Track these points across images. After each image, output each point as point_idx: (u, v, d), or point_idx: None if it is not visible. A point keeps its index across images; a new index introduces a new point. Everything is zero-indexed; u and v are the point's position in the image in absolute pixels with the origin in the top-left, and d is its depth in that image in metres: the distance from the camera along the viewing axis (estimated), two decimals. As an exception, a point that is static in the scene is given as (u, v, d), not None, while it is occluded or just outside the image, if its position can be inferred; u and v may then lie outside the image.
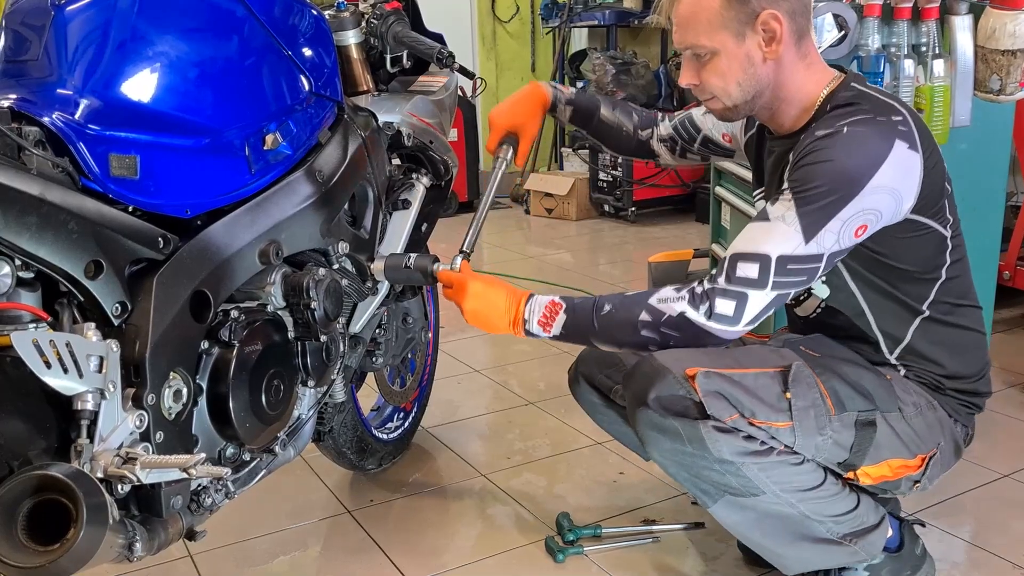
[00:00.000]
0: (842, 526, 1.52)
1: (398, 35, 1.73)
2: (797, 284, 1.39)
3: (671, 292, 1.42)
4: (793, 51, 1.43)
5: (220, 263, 1.34)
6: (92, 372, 1.11)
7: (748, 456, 1.41)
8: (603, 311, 1.47)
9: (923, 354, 1.53)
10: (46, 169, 1.12)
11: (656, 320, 1.42)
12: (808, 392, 1.42)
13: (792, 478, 1.46)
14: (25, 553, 0.96)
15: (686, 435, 1.40)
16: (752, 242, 1.38)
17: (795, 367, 1.44)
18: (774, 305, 1.40)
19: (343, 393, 1.83)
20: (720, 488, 1.47)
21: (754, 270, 1.36)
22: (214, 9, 1.39)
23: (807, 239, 1.34)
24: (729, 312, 1.38)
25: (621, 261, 4.48)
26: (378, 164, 1.72)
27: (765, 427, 1.41)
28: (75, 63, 1.23)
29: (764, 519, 1.51)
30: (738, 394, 1.40)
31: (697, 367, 1.39)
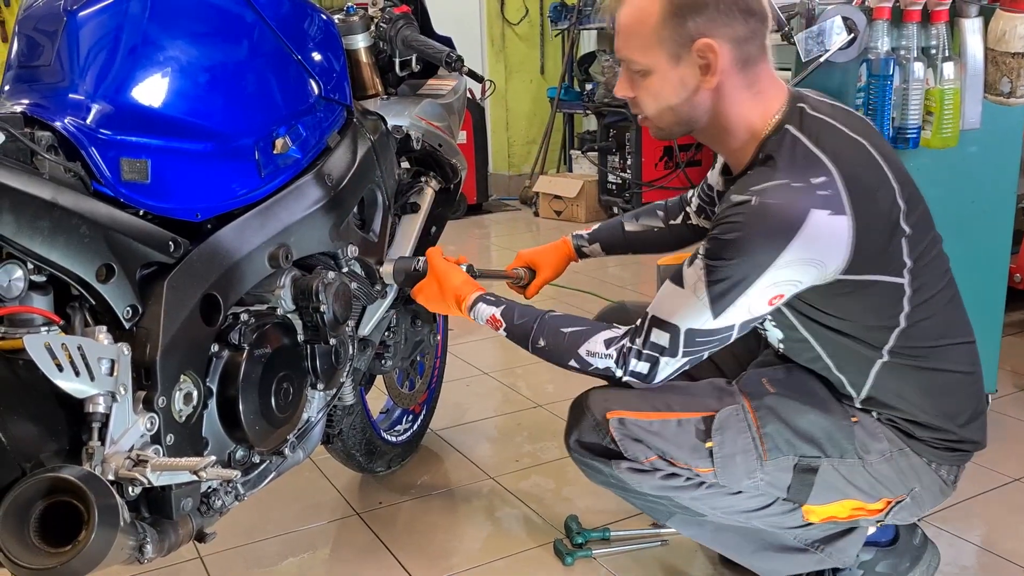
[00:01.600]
0: (809, 532, 1.52)
1: (407, 39, 1.73)
2: (708, 349, 1.38)
3: (601, 347, 1.43)
4: (736, 79, 1.33)
5: (230, 266, 1.35)
6: (103, 375, 1.12)
7: (672, 491, 1.44)
8: (538, 345, 1.51)
9: (886, 400, 1.43)
10: (58, 173, 1.12)
11: (583, 368, 1.46)
12: (736, 438, 1.42)
13: (732, 503, 1.47)
14: (37, 555, 0.96)
15: (607, 473, 1.45)
16: (666, 309, 1.37)
17: (721, 415, 1.42)
18: (688, 365, 1.40)
19: (352, 396, 1.84)
20: (667, 513, 1.51)
21: (665, 339, 1.37)
22: (224, 14, 1.40)
23: (715, 315, 1.32)
24: (644, 371, 1.41)
25: (630, 263, 4.47)
26: (387, 167, 1.73)
27: (686, 469, 1.43)
28: (87, 68, 1.24)
29: (720, 532, 1.54)
30: (655, 441, 1.41)
31: (620, 410, 1.43)
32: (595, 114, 5.61)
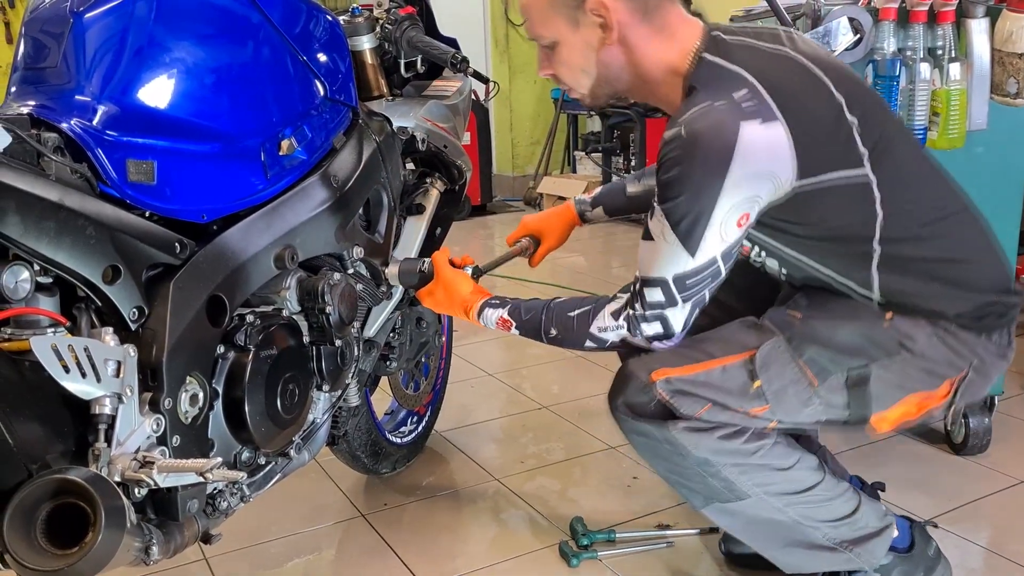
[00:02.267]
0: (839, 531, 1.50)
1: (412, 40, 1.73)
2: (706, 287, 1.36)
3: (610, 320, 1.43)
4: (641, 29, 1.34)
5: (236, 268, 1.35)
6: (110, 376, 1.12)
7: (726, 456, 1.42)
8: (551, 335, 1.50)
9: (904, 299, 1.40)
10: (64, 175, 1.13)
11: (601, 346, 1.46)
12: (783, 371, 1.39)
13: (776, 481, 1.46)
14: (44, 556, 0.96)
15: (660, 436, 1.42)
16: (648, 266, 1.37)
17: (762, 352, 1.40)
18: (697, 307, 1.39)
19: (357, 397, 1.84)
20: (706, 495, 1.48)
21: (659, 293, 1.36)
22: (230, 16, 1.40)
23: (692, 253, 1.31)
24: (659, 330, 1.40)
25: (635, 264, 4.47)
26: (392, 169, 1.73)
27: (741, 412, 1.40)
28: (93, 70, 1.24)
29: (753, 524, 1.51)
30: (704, 391, 1.39)
31: (665, 369, 1.40)
32: (599, 115, 5.61)
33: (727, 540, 1.80)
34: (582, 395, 2.70)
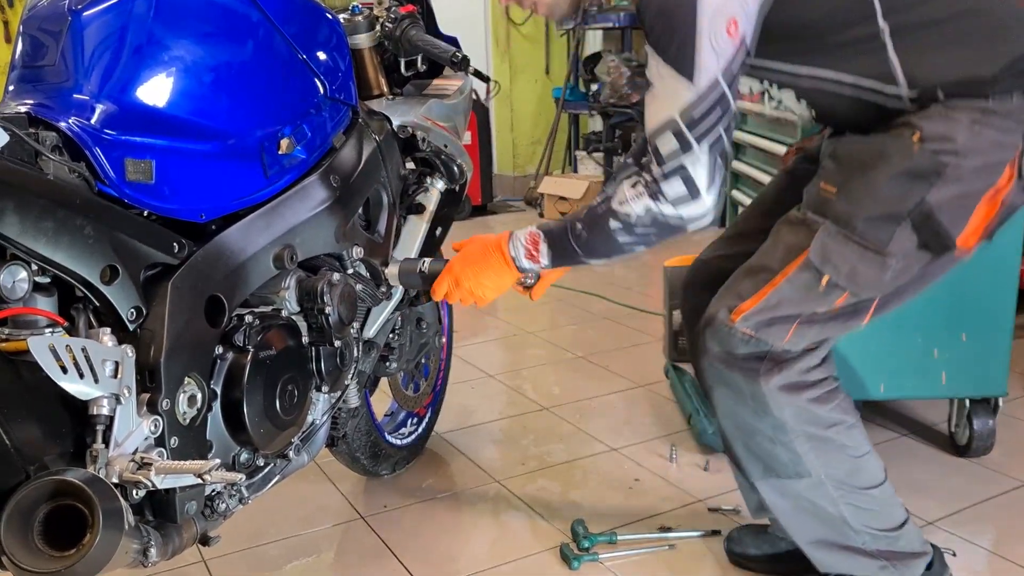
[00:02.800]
0: (880, 541, 1.50)
1: (412, 39, 1.72)
2: (719, 122, 1.30)
3: (629, 190, 1.38)
4: None
5: (235, 268, 1.34)
6: (107, 377, 1.11)
7: (806, 423, 1.42)
8: (577, 233, 1.43)
9: (930, 71, 1.31)
10: (63, 174, 1.12)
11: (627, 224, 1.39)
12: (844, 254, 1.35)
13: (843, 466, 1.46)
14: (41, 558, 0.96)
15: (748, 391, 1.42)
16: (654, 117, 1.33)
17: (814, 248, 1.36)
18: (717, 152, 1.33)
19: (357, 398, 1.82)
20: (768, 465, 1.48)
21: (671, 140, 1.31)
22: (229, 14, 1.39)
23: (690, 77, 1.27)
24: (683, 191, 1.34)
25: (637, 265, 4.45)
26: (392, 168, 1.72)
27: (828, 313, 1.38)
28: (91, 68, 1.23)
29: (800, 511, 1.51)
30: (782, 310, 1.38)
31: (738, 306, 1.40)
32: (601, 114, 5.60)
33: (731, 541, 1.79)
34: (583, 396, 2.69)
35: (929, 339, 2.09)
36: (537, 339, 3.30)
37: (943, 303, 2.06)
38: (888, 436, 2.31)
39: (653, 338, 3.22)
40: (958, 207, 1.32)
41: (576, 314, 3.59)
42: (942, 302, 2.06)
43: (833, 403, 1.46)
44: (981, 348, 2.09)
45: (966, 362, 2.09)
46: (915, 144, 1.31)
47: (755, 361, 1.42)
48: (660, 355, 3.02)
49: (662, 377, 2.79)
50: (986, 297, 2.08)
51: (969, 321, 2.08)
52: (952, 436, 2.24)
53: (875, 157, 1.34)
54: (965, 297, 2.07)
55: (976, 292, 2.08)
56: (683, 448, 2.28)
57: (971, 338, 2.09)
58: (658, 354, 3.04)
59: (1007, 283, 2.11)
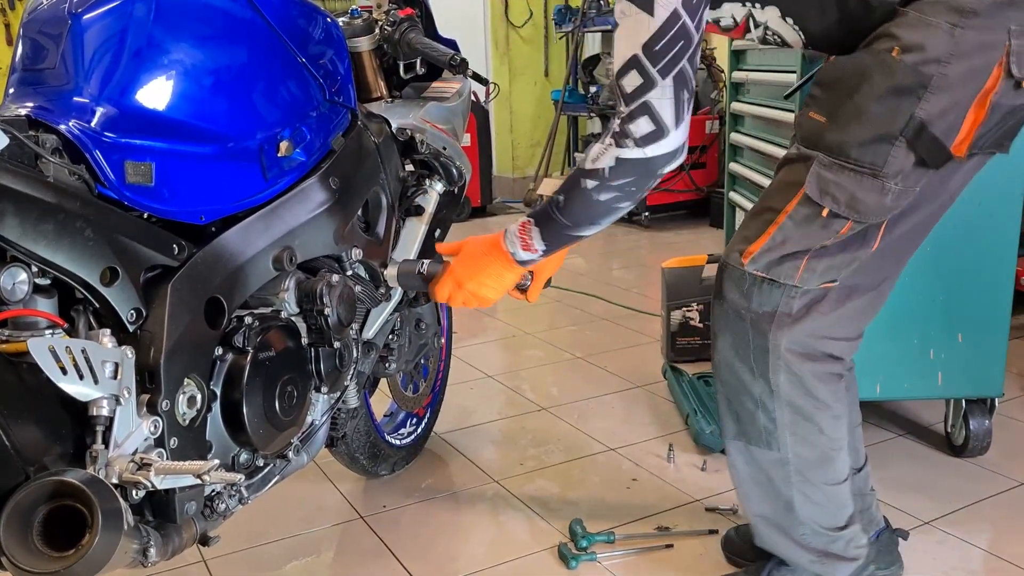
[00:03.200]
0: (818, 538, 1.54)
1: (411, 42, 1.73)
2: (680, 54, 1.29)
3: (597, 147, 1.37)
4: None
5: (234, 269, 1.35)
6: (107, 378, 1.12)
7: (796, 395, 1.46)
8: (560, 205, 1.41)
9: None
10: (63, 177, 1.12)
11: (602, 179, 1.36)
12: (840, 183, 1.34)
13: (814, 453, 1.50)
14: (40, 559, 0.96)
15: (757, 344, 1.46)
16: (619, 56, 1.31)
17: (809, 183, 1.36)
18: (683, 91, 1.31)
19: (356, 399, 1.83)
20: (743, 428, 1.52)
21: (635, 76, 1.30)
22: (228, 17, 1.39)
23: (650, 11, 1.26)
24: (650, 127, 1.31)
25: (635, 266, 4.47)
26: (391, 170, 1.73)
27: (836, 243, 1.38)
28: (91, 71, 1.24)
29: (757, 480, 1.56)
30: (790, 246, 1.40)
31: (747, 247, 1.44)
32: (599, 116, 5.61)
33: (727, 539, 1.82)
34: (581, 397, 2.70)
35: (925, 340, 2.10)
36: (536, 340, 3.31)
37: (939, 304, 2.08)
38: (885, 436, 2.32)
39: (651, 339, 3.23)
40: (950, 116, 1.30)
41: (574, 315, 3.60)
42: (938, 303, 2.07)
43: (832, 386, 1.48)
44: (977, 349, 2.10)
45: (962, 363, 2.11)
46: (895, 60, 1.29)
47: (769, 315, 1.44)
48: (658, 356, 3.04)
49: (660, 378, 2.80)
50: (982, 298, 2.09)
51: (965, 322, 2.10)
52: (948, 436, 2.25)
53: (859, 79, 1.33)
54: (961, 298, 2.08)
55: (972, 293, 2.09)
56: (681, 448, 2.29)
57: (967, 339, 2.10)
58: (656, 355, 3.05)
59: (1003, 284, 2.12)
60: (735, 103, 2.75)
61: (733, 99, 2.77)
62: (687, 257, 3.07)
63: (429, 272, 1.63)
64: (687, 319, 2.94)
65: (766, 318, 1.45)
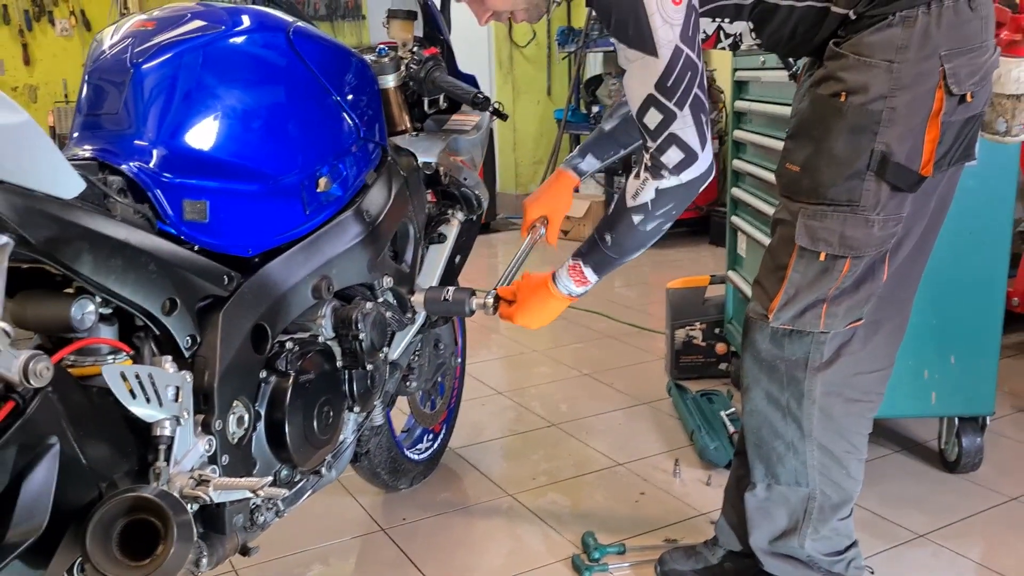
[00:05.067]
0: (821, 562, 1.66)
1: (436, 80, 1.83)
2: (692, 84, 1.40)
3: (634, 183, 1.49)
4: None
5: (277, 298, 1.45)
6: (170, 401, 1.21)
7: (827, 438, 1.56)
8: (608, 243, 1.55)
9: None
10: (128, 215, 1.22)
11: (646, 212, 1.49)
12: (827, 226, 1.44)
13: (839, 495, 1.61)
14: (121, 567, 1.05)
15: (788, 392, 1.56)
16: (634, 98, 1.43)
17: (798, 234, 1.46)
18: (700, 115, 1.42)
19: (381, 416, 1.92)
20: (772, 470, 1.62)
21: (655, 113, 1.41)
22: (272, 63, 1.49)
23: (654, 53, 1.37)
24: (680, 155, 1.43)
25: (637, 284, 4.57)
26: (418, 202, 1.83)
27: (843, 283, 1.47)
28: (150, 116, 1.34)
29: (768, 517, 1.66)
30: (808, 296, 1.49)
31: (770, 303, 1.52)
32: (601, 136, 5.70)
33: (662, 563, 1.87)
34: (589, 413, 2.79)
35: (920, 361, 2.19)
36: (543, 357, 3.40)
37: (933, 327, 2.17)
38: (881, 453, 2.42)
39: (655, 356, 3.33)
40: (907, 143, 1.40)
41: (580, 332, 3.70)
42: (932, 326, 2.17)
43: (864, 429, 1.60)
44: (969, 369, 2.20)
45: (955, 382, 2.20)
46: (843, 104, 1.40)
47: (803, 362, 1.53)
48: (662, 373, 3.13)
49: (664, 395, 2.90)
50: (973, 321, 2.19)
51: (957, 343, 2.19)
52: (942, 453, 2.34)
53: (818, 127, 1.45)
54: (953, 321, 2.18)
55: (964, 316, 2.18)
56: (686, 463, 2.38)
57: (959, 360, 2.19)
58: (660, 372, 3.15)
59: (993, 307, 2.21)
60: (737, 131, 2.85)
61: (736, 127, 2.88)
62: (691, 278, 3.17)
63: (455, 299, 1.73)
64: (691, 338, 3.04)
65: (799, 365, 1.54)
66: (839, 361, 1.54)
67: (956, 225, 2.15)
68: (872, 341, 1.57)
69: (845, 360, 1.54)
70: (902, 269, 1.54)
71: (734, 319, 2.94)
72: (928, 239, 1.59)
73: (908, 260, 1.55)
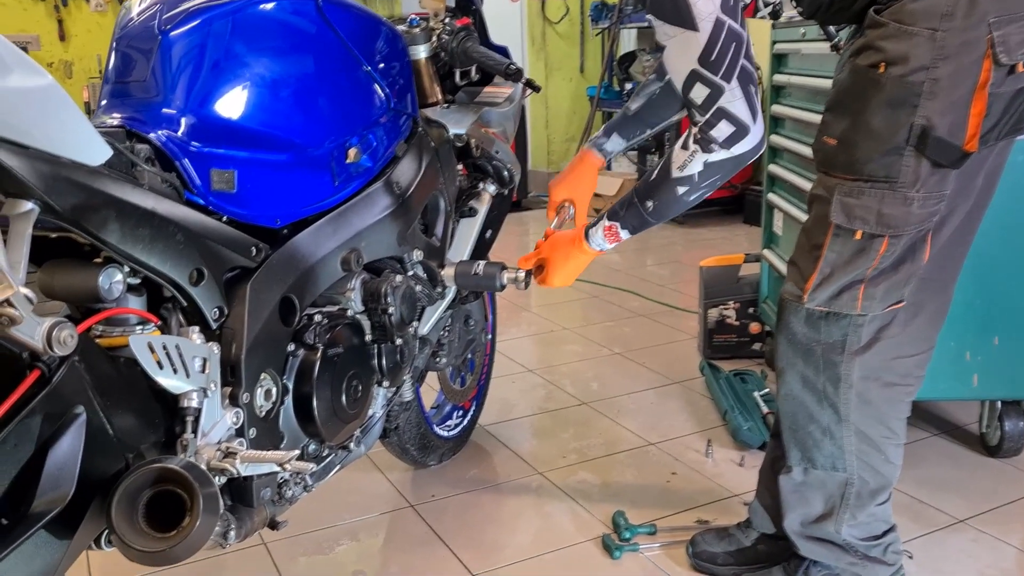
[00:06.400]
0: (858, 546, 1.61)
1: (468, 51, 1.80)
2: (737, 53, 1.36)
3: (682, 153, 1.46)
4: None
5: (306, 270, 1.43)
6: (197, 372, 1.20)
7: (865, 424, 1.52)
8: (648, 209, 1.53)
9: None
10: (156, 184, 1.20)
11: (692, 184, 1.47)
12: (864, 204, 1.39)
13: (877, 480, 1.56)
14: (146, 538, 1.04)
15: (824, 376, 1.51)
16: (678, 74, 1.40)
17: (834, 211, 1.41)
18: (749, 86, 1.38)
19: (411, 392, 1.91)
20: (808, 455, 1.59)
21: (702, 88, 1.38)
22: (301, 31, 1.47)
23: (694, 27, 1.33)
24: (731, 129, 1.40)
25: (669, 262, 4.52)
26: (449, 175, 1.80)
27: (878, 260, 1.42)
28: (178, 84, 1.32)
29: (803, 502, 1.63)
30: (843, 276, 1.44)
31: (804, 286, 1.48)
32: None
33: (694, 544, 1.85)
34: (620, 392, 2.76)
35: (961, 342, 2.14)
36: (573, 335, 3.37)
37: (976, 307, 2.11)
38: (919, 436, 2.37)
39: (687, 335, 3.29)
40: (950, 116, 1.33)
41: (611, 311, 3.66)
42: (975, 306, 2.11)
43: (903, 414, 1.55)
44: (1013, 351, 2.14)
45: (998, 365, 2.14)
46: (882, 75, 1.34)
47: (839, 345, 1.49)
48: (694, 352, 3.09)
49: (697, 374, 2.86)
50: (1018, 301, 2.12)
51: (1002, 325, 2.13)
52: (983, 437, 2.29)
53: (856, 99, 1.39)
54: (998, 301, 2.12)
55: (1009, 296, 2.12)
56: (719, 444, 2.35)
57: (1003, 341, 2.13)
58: (692, 351, 3.11)
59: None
60: (776, 106, 2.79)
61: (774, 102, 2.81)
62: (724, 256, 3.12)
63: (485, 273, 1.70)
64: (724, 317, 3.00)
65: (836, 348, 1.49)
66: (878, 344, 1.49)
67: (1004, 201, 2.08)
68: (913, 324, 1.52)
69: (884, 343, 1.49)
70: (946, 249, 1.49)
71: (769, 298, 2.89)
72: (974, 217, 1.53)
73: (952, 240, 1.49)
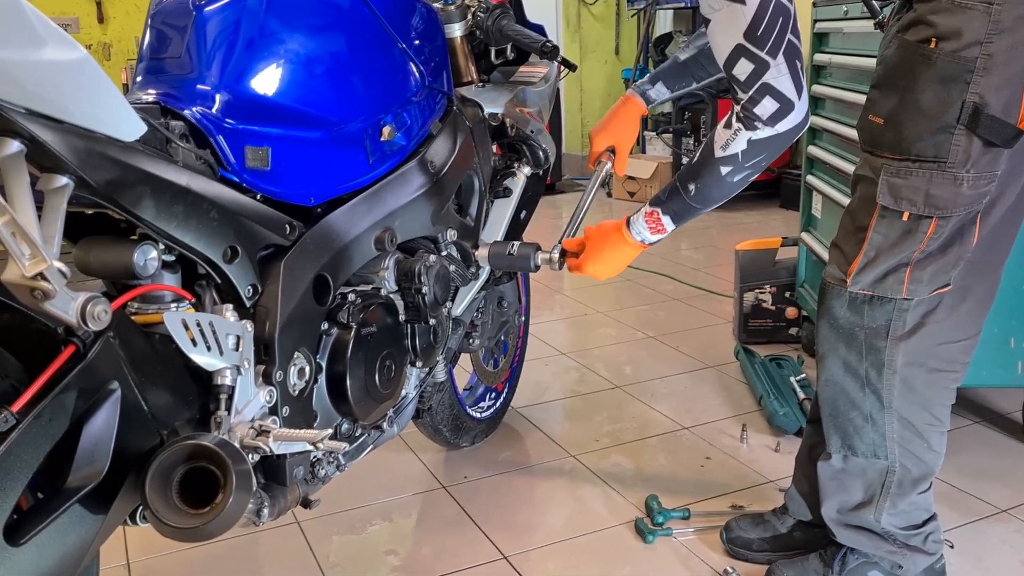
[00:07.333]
0: (898, 534, 1.58)
1: (504, 29, 1.78)
2: (784, 27, 1.32)
3: (724, 132, 1.42)
4: None
5: (340, 249, 1.42)
6: (230, 350, 1.20)
7: (909, 411, 1.48)
8: (691, 192, 1.49)
9: None
10: (190, 160, 1.20)
11: (736, 163, 1.43)
12: (912, 185, 1.35)
13: (919, 468, 1.53)
14: (180, 515, 1.05)
15: (867, 361, 1.48)
16: (722, 49, 1.36)
17: (881, 193, 1.38)
18: (795, 61, 1.35)
19: (444, 373, 1.90)
20: (849, 442, 1.55)
21: (746, 64, 1.34)
22: (336, 7, 1.46)
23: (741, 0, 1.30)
24: (776, 105, 1.36)
25: (704, 246, 4.47)
26: (484, 154, 1.78)
27: (926, 242, 1.38)
28: (213, 60, 1.31)
29: (842, 489, 1.60)
30: (886, 261, 1.41)
31: (847, 269, 1.44)
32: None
33: (728, 530, 1.83)
34: (653, 376, 2.74)
35: (1006, 328, 2.09)
36: (606, 319, 3.35)
37: (1021, 293, 2.06)
38: (962, 423, 2.32)
39: (722, 320, 3.25)
40: (1005, 93, 1.29)
41: (645, 294, 3.63)
42: (1020, 292, 2.06)
43: (947, 401, 1.51)
44: (1060, 338, 2.09)
45: (1044, 352, 2.09)
46: (933, 51, 1.30)
47: (884, 329, 1.45)
48: (729, 337, 3.06)
49: (731, 359, 2.83)
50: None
51: (1048, 311, 2.08)
52: (1027, 425, 2.24)
53: (904, 76, 1.35)
54: (1045, 287, 2.07)
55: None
56: (754, 429, 2.32)
57: (1050, 328, 2.08)
58: (727, 336, 3.07)
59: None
60: (816, 86, 2.73)
61: (814, 82, 2.76)
62: (761, 240, 3.08)
63: (520, 254, 1.68)
64: (760, 301, 2.96)
65: (880, 333, 1.46)
66: (923, 330, 1.45)
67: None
68: (959, 309, 1.47)
69: (929, 328, 1.45)
70: (995, 232, 1.44)
71: (807, 282, 2.85)
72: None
73: (1002, 222, 1.44)
